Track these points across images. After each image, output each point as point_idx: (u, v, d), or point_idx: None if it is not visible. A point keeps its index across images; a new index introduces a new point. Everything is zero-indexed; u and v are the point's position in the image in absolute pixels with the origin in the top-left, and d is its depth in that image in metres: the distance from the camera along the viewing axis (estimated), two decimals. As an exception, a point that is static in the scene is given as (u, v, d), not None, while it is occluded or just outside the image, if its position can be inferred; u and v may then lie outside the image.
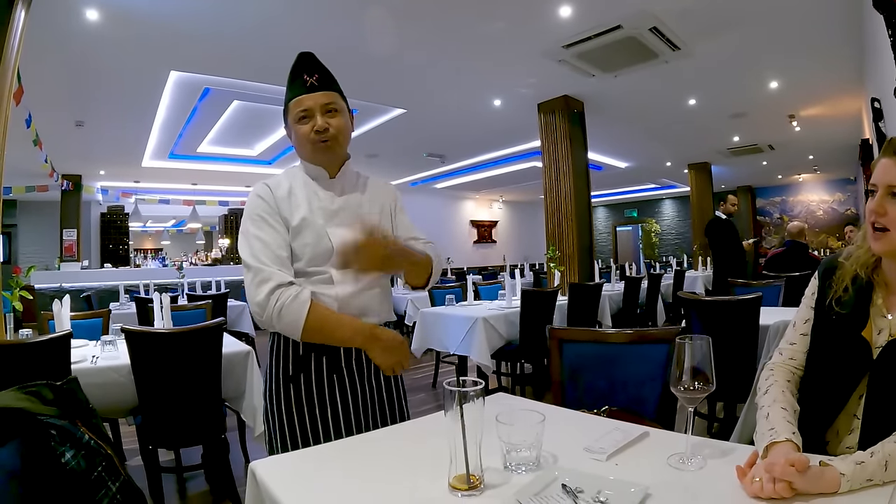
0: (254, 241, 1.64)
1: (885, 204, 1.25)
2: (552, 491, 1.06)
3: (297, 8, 4.86)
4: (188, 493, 3.49)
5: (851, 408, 1.30)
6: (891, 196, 1.24)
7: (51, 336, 2.71)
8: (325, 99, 1.70)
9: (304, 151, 1.76)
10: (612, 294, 7.03)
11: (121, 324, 3.07)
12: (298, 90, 1.70)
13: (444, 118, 8.77)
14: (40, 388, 1.32)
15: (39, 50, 5.10)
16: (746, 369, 3.32)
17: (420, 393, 5.82)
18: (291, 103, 1.71)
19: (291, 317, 1.58)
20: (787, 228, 7.21)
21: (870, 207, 1.28)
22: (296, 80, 1.71)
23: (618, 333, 2.05)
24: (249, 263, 1.62)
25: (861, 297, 1.34)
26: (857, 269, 1.36)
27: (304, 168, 1.80)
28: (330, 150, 1.73)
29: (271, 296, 1.58)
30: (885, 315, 1.31)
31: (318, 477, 1.24)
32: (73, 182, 11.36)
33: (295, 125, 1.72)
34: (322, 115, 1.69)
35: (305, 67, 1.72)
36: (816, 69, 6.99)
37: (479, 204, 19.26)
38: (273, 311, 1.57)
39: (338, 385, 1.71)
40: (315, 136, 1.69)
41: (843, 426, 1.31)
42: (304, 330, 1.59)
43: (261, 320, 1.62)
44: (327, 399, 1.69)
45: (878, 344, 1.28)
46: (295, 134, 1.74)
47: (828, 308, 1.38)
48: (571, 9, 5.11)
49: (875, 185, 1.28)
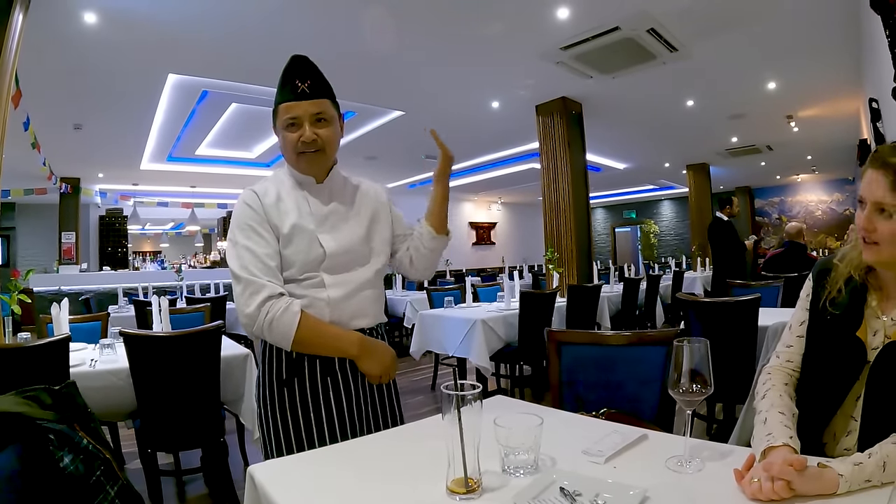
0: (243, 252, 1.62)
1: (874, 220, 1.25)
2: (550, 494, 1.06)
3: (294, 11, 4.86)
4: (187, 497, 3.49)
5: (848, 409, 1.30)
6: (879, 212, 1.24)
7: (49, 339, 2.70)
8: (315, 108, 1.66)
9: (290, 158, 1.74)
10: (611, 295, 7.03)
11: (119, 327, 3.08)
12: (288, 95, 1.66)
13: (442, 120, 8.74)
14: (39, 393, 1.32)
15: (37, 53, 5.10)
16: (745, 371, 3.32)
17: (419, 395, 5.82)
18: (280, 108, 1.68)
19: (282, 329, 1.57)
20: (785, 229, 7.21)
21: (859, 223, 1.29)
22: (286, 85, 1.67)
23: (616, 335, 2.05)
24: (239, 275, 1.60)
25: (855, 299, 1.34)
26: (851, 271, 1.36)
27: (291, 173, 1.78)
28: (315, 162, 1.71)
29: (262, 307, 1.57)
30: (880, 316, 1.31)
31: (317, 480, 1.24)
32: (71, 185, 11.34)
33: (283, 131, 1.69)
34: (311, 125, 1.66)
35: (298, 72, 1.67)
36: (814, 70, 7.01)
37: (478, 206, 19.25)
38: (264, 323, 1.57)
39: (332, 388, 1.70)
40: (302, 146, 1.67)
41: (841, 427, 1.31)
42: (295, 341, 1.58)
43: (251, 331, 1.61)
44: (321, 402, 1.69)
45: (874, 345, 1.28)
46: (282, 139, 1.71)
47: (822, 309, 1.39)
48: (569, 10, 5.11)
49: (863, 198, 1.28)
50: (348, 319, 1.71)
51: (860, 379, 1.28)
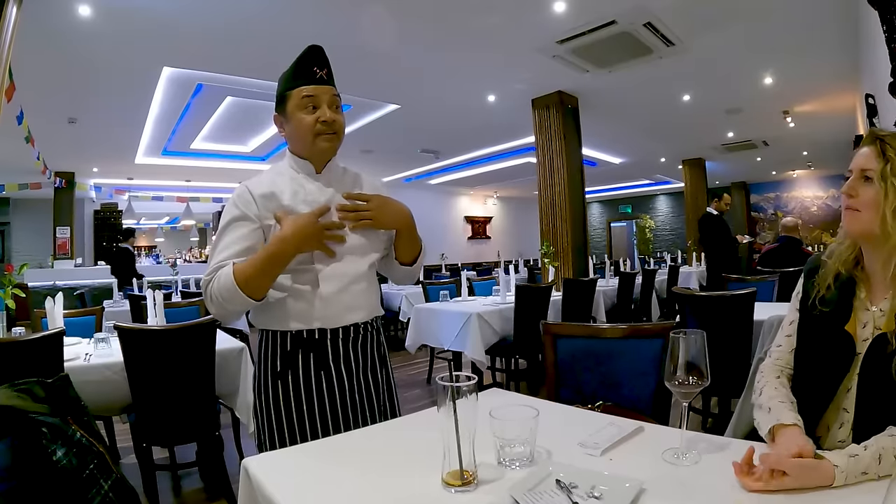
0: (218, 254, 1.62)
1: (857, 186, 1.29)
2: (546, 486, 1.06)
3: (290, 3, 4.84)
4: (183, 491, 3.49)
5: (840, 401, 1.31)
6: (863, 179, 1.28)
7: (43, 333, 2.68)
8: (332, 93, 1.70)
9: (301, 142, 1.72)
10: (607, 290, 7.04)
11: (114, 321, 3.06)
12: (308, 80, 1.68)
13: (438, 114, 8.76)
14: (32, 386, 1.31)
15: (31, 46, 5.05)
16: (741, 364, 3.32)
17: (415, 389, 5.82)
18: (294, 91, 1.68)
19: (223, 282, 1.54)
20: (781, 223, 7.21)
21: (842, 190, 1.33)
22: (304, 70, 1.69)
23: (612, 328, 2.05)
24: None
25: (844, 293, 1.35)
26: (839, 266, 1.37)
27: (290, 163, 1.78)
28: (331, 144, 1.71)
29: (208, 286, 1.58)
30: (869, 308, 1.32)
31: (312, 473, 1.23)
32: (66, 179, 11.30)
33: (297, 113, 1.68)
34: (329, 108, 1.68)
35: (316, 60, 1.70)
36: (811, 65, 7.01)
37: (474, 200, 19.27)
38: (212, 293, 1.57)
39: (325, 381, 1.70)
40: (322, 126, 1.67)
41: (833, 420, 1.32)
42: (240, 285, 1.53)
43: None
44: (314, 395, 1.69)
45: (863, 337, 1.29)
46: (294, 123, 1.69)
47: (811, 307, 1.40)
48: (566, 4, 5.10)
49: (851, 169, 1.32)
50: (342, 313, 1.71)
51: (851, 371, 1.29)
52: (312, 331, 1.68)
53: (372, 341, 1.81)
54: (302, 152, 1.75)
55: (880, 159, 1.25)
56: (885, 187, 1.23)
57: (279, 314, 1.68)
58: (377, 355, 1.83)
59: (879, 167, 1.24)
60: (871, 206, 1.25)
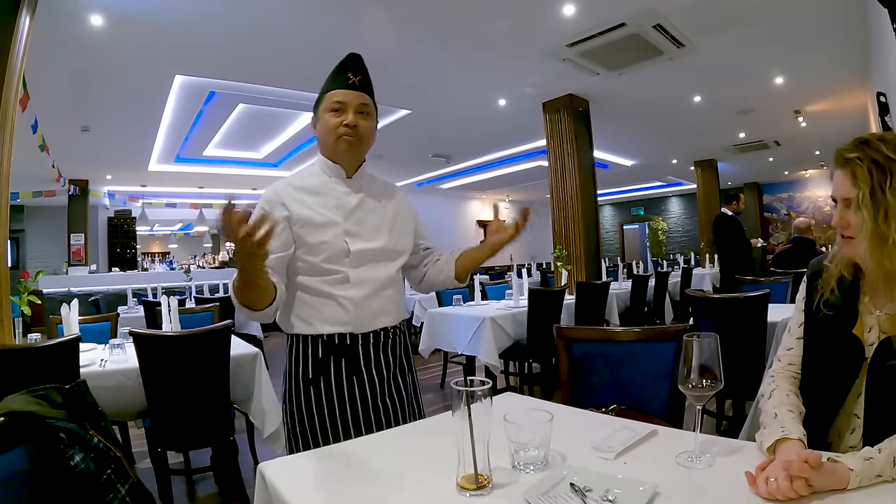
0: None
1: (845, 216, 1.29)
2: (561, 490, 1.06)
3: (300, 11, 4.87)
4: (197, 496, 3.50)
5: (850, 406, 1.30)
6: (848, 207, 1.28)
7: (59, 340, 2.72)
8: (361, 100, 1.75)
9: (326, 144, 1.77)
10: (620, 293, 7.00)
11: (129, 327, 3.09)
12: (340, 84, 1.74)
13: (449, 118, 8.77)
14: (49, 392, 1.32)
15: (44, 56, 5.11)
16: (755, 366, 3.30)
17: (429, 393, 5.82)
18: (328, 94, 1.75)
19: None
20: (793, 225, 7.16)
21: (833, 222, 1.33)
22: (340, 75, 1.76)
23: (626, 332, 2.04)
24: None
25: (848, 297, 1.35)
26: (842, 270, 1.37)
27: (322, 165, 1.81)
28: (352, 147, 1.75)
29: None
30: (873, 312, 1.31)
31: (327, 477, 1.24)
32: (80, 187, 11.42)
33: (325, 114, 1.74)
34: (354, 113, 1.73)
35: (352, 66, 1.78)
36: (821, 64, 6.96)
37: (486, 204, 19.24)
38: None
39: (357, 385, 1.72)
40: (343, 128, 1.71)
41: (844, 425, 1.31)
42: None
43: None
44: (346, 400, 1.71)
45: (870, 341, 1.29)
46: (322, 124, 1.76)
47: (815, 310, 1.39)
48: (575, 7, 5.10)
49: (834, 197, 1.33)
50: (372, 318, 1.73)
51: (860, 376, 1.28)
52: (344, 335, 1.70)
53: (399, 345, 1.84)
54: (328, 154, 1.79)
55: (855, 185, 1.25)
56: (866, 216, 1.23)
57: (309, 318, 1.71)
58: (404, 358, 1.86)
59: (856, 195, 1.24)
60: (863, 233, 1.24)
